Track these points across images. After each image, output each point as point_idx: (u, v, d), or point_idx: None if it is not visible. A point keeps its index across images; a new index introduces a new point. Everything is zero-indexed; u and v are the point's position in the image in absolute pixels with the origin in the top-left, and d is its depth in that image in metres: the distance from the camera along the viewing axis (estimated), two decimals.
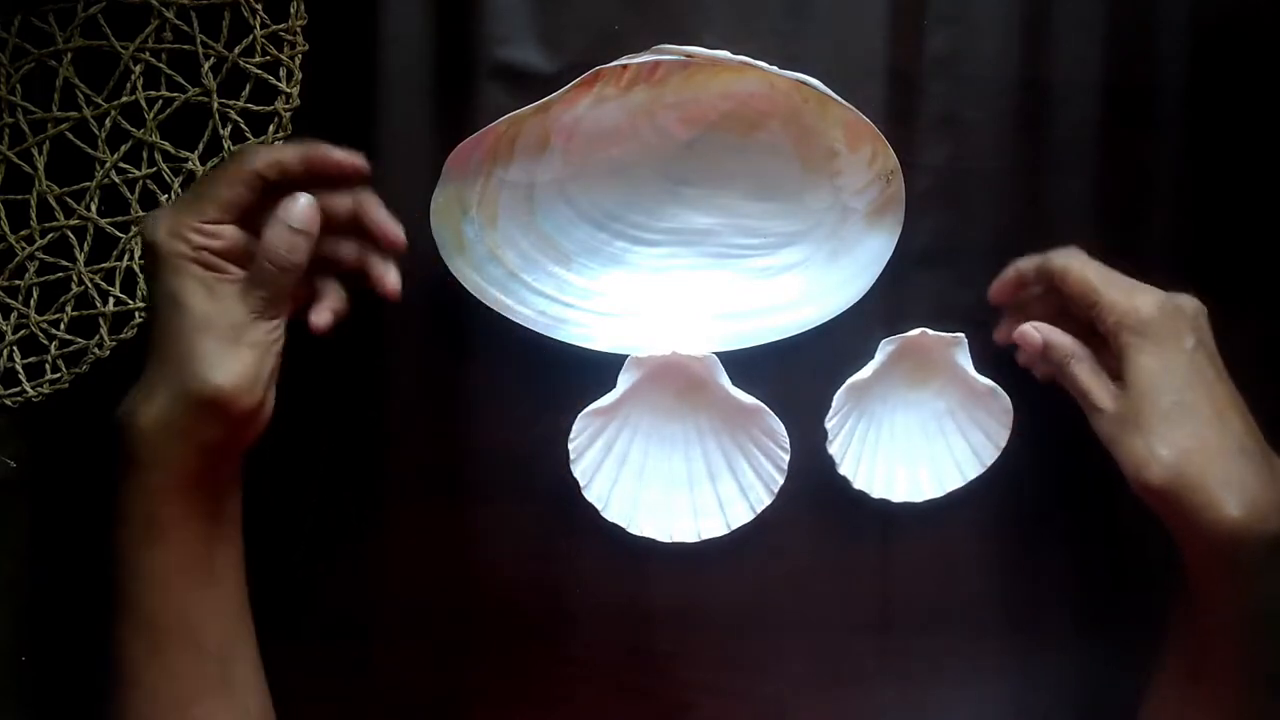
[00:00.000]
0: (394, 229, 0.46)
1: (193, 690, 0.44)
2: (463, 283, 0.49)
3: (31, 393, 0.51)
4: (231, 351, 0.42)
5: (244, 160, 0.43)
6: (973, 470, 0.51)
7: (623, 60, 0.47)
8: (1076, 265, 0.47)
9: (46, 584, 0.53)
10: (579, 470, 0.49)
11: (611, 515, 0.50)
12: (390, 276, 0.46)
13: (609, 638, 0.53)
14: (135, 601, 0.44)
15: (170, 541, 0.43)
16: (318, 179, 0.44)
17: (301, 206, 0.43)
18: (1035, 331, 0.48)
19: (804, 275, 0.52)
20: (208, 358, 0.42)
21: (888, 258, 0.50)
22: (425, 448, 0.52)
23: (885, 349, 0.50)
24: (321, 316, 0.46)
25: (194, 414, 0.42)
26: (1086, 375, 0.46)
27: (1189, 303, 0.45)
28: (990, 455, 0.51)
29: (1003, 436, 0.51)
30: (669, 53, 0.46)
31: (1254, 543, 0.41)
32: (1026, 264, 0.49)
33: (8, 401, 0.51)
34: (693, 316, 0.51)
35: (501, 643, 0.53)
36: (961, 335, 0.50)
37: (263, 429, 0.45)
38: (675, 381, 0.51)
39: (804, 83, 0.47)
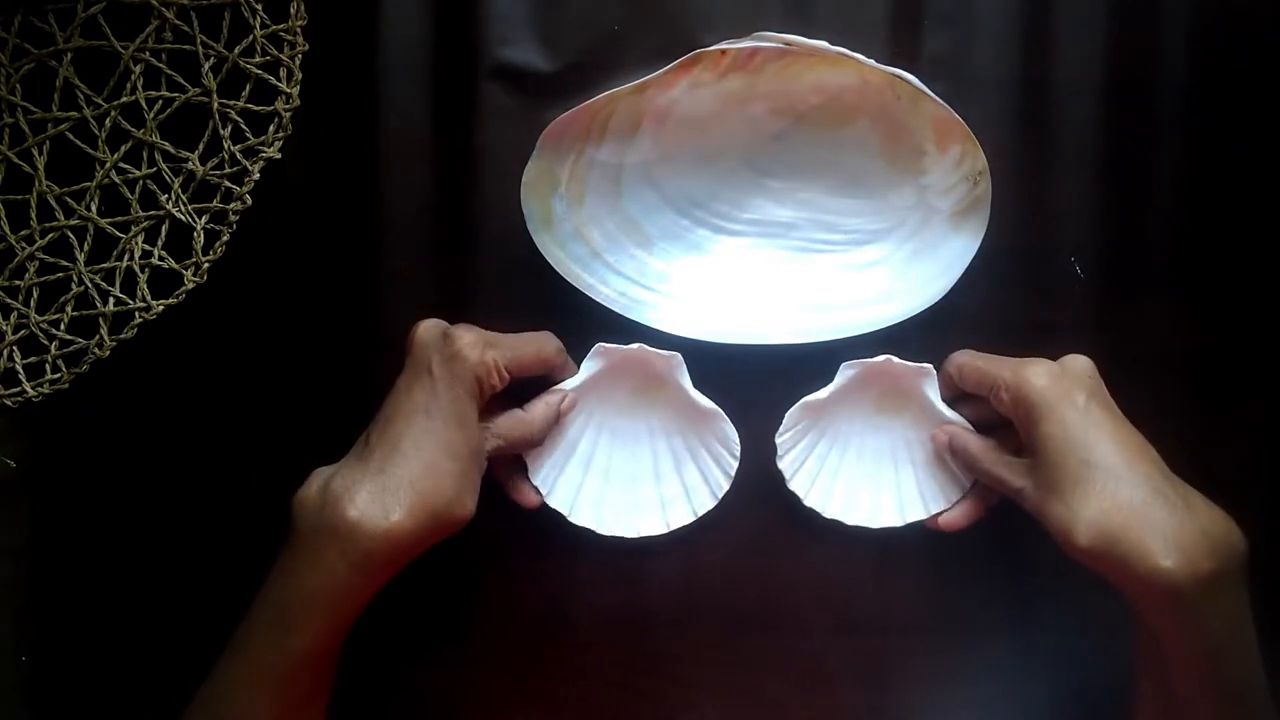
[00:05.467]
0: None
1: None
2: (547, 258, 0.49)
3: (31, 393, 0.51)
4: (472, 481, 0.45)
5: (551, 345, 0.48)
6: (936, 505, 0.51)
7: (722, 45, 0.47)
8: (967, 360, 0.49)
9: (46, 584, 0.53)
10: (529, 454, 0.50)
11: (554, 503, 0.50)
12: (534, 496, 0.50)
13: (608, 638, 0.53)
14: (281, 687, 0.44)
15: (339, 620, 0.44)
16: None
17: (569, 404, 0.49)
18: (941, 434, 0.50)
19: (883, 274, 0.52)
20: (465, 483, 0.44)
21: (969, 260, 0.50)
22: None
23: (845, 372, 0.50)
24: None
25: (435, 531, 0.44)
26: (995, 467, 0.47)
27: (1075, 362, 0.46)
28: (956, 492, 0.51)
29: (971, 475, 0.50)
30: (768, 40, 0.47)
31: (1188, 585, 0.41)
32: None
33: (8, 401, 0.51)
34: (768, 308, 0.51)
35: (501, 643, 0.53)
36: (929, 366, 0.50)
37: None
38: (636, 376, 0.51)
39: (900, 77, 0.47)
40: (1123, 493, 0.43)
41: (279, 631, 0.43)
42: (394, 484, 0.43)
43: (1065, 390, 0.45)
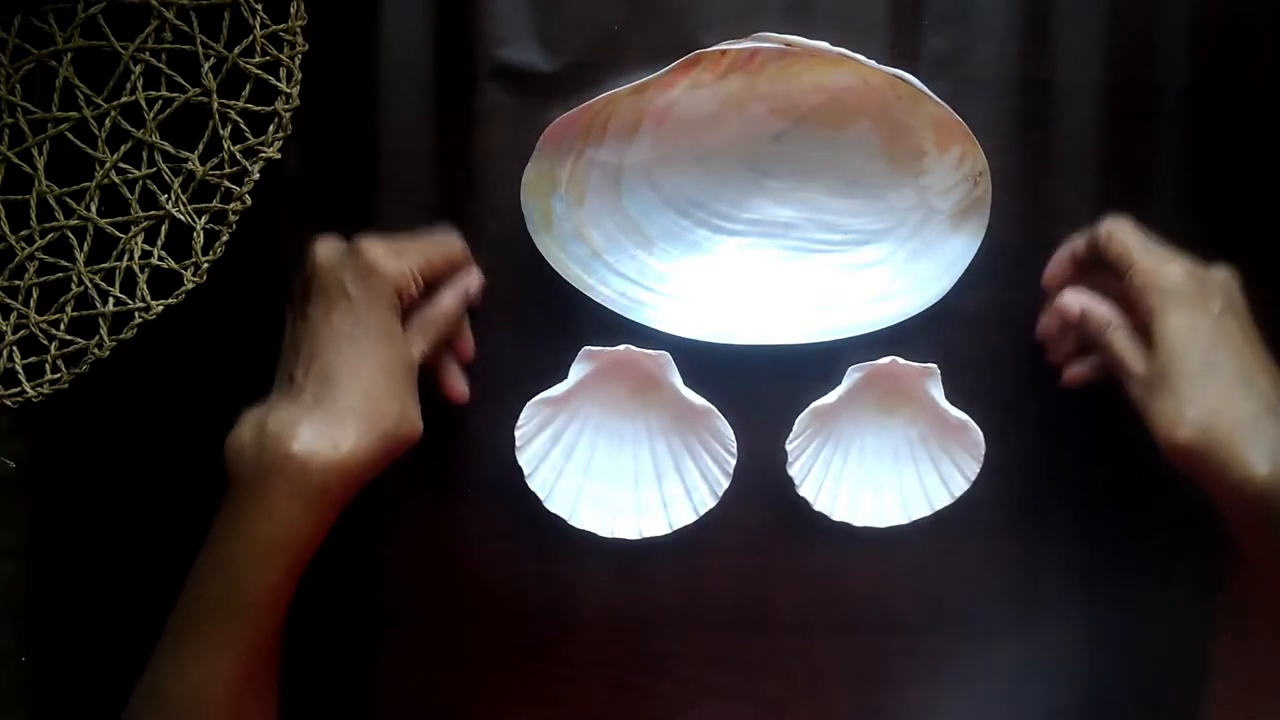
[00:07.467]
0: (471, 345, 0.50)
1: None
2: (546, 258, 0.49)
3: (31, 393, 0.51)
4: (413, 395, 0.45)
5: (455, 243, 0.49)
6: (941, 500, 0.51)
7: (722, 45, 0.47)
8: (1121, 229, 0.47)
9: (46, 584, 0.53)
10: (524, 458, 0.50)
11: (554, 506, 0.50)
12: (461, 384, 0.50)
13: (607, 638, 0.53)
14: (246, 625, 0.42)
15: (294, 565, 0.42)
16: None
17: (478, 284, 0.49)
18: (1074, 302, 0.48)
19: (883, 273, 0.52)
20: (407, 400, 0.44)
21: (969, 260, 0.50)
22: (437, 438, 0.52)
23: (852, 375, 0.50)
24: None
25: (388, 453, 0.43)
26: (1122, 341, 0.46)
27: (1219, 272, 0.46)
28: (960, 487, 0.51)
29: (973, 469, 0.51)
30: (768, 40, 0.47)
31: None
32: (1077, 241, 0.49)
33: (8, 401, 0.51)
34: (768, 308, 0.51)
35: (500, 642, 0.53)
36: (933, 366, 0.50)
37: None
38: (628, 378, 0.51)
39: (900, 78, 0.47)
40: (1237, 400, 0.42)
41: (234, 587, 0.41)
42: (335, 415, 0.42)
43: (1202, 293, 0.45)
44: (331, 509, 0.42)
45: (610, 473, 0.52)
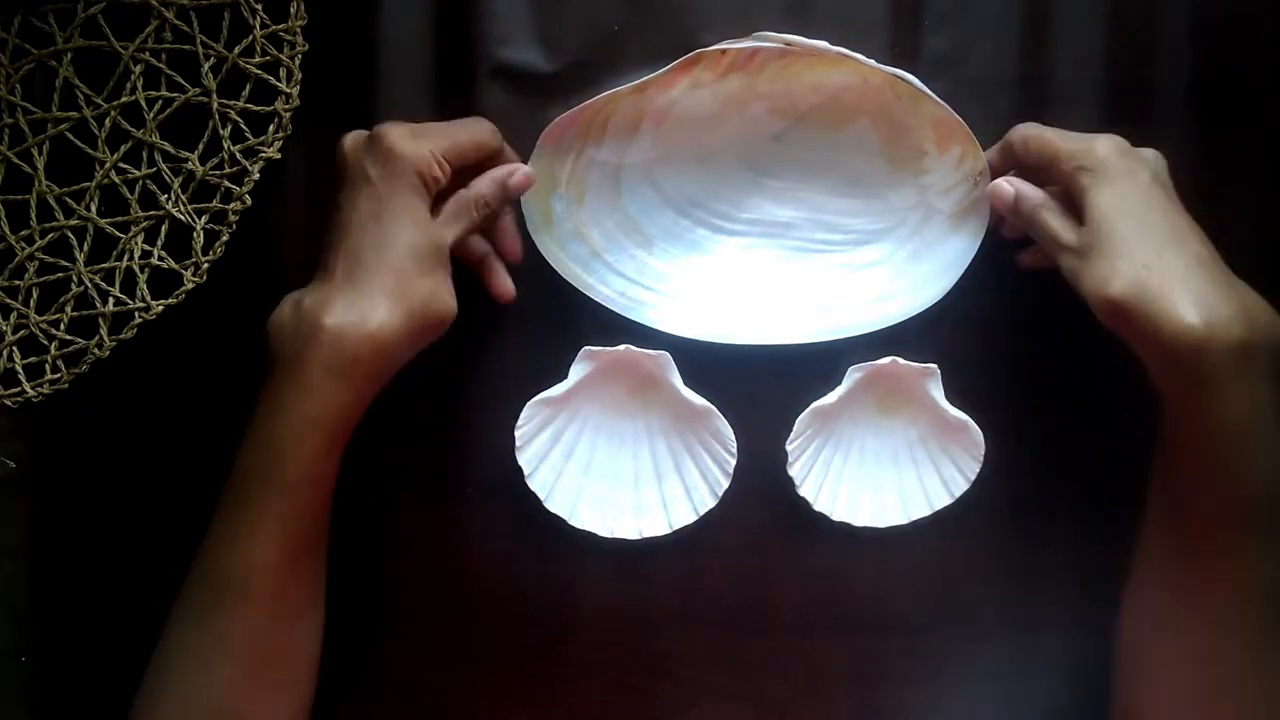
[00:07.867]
0: (518, 242, 0.50)
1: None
2: (546, 258, 0.50)
3: (31, 393, 0.51)
4: (442, 276, 0.45)
5: (484, 128, 0.47)
6: (940, 501, 0.51)
7: (722, 45, 0.47)
8: (1033, 130, 0.47)
9: (46, 584, 0.53)
10: (524, 458, 0.50)
11: (554, 506, 0.50)
12: (508, 282, 0.50)
13: (607, 638, 0.53)
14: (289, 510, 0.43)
15: (331, 440, 0.43)
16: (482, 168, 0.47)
17: (522, 176, 0.47)
18: (1007, 185, 0.47)
19: (883, 273, 0.52)
20: (436, 280, 0.44)
21: (970, 259, 0.50)
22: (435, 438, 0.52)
23: (853, 376, 0.50)
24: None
25: (419, 331, 0.44)
26: (1053, 218, 0.46)
27: (1147, 150, 0.46)
28: (960, 487, 0.51)
29: (973, 469, 0.51)
30: (768, 40, 0.47)
31: (1216, 350, 0.40)
32: (990, 154, 0.49)
33: (8, 401, 0.51)
34: (768, 308, 0.51)
35: (500, 642, 0.53)
36: (934, 366, 0.50)
37: None
38: (628, 378, 0.51)
39: (900, 78, 0.47)
40: (1168, 255, 0.42)
41: (274, 463, 0.43)
42: (365, 292, 0.43)
43: (1130, 165, 0.45)
44: (365, 383, 0.43)
45: (610, 473, 0.52)
